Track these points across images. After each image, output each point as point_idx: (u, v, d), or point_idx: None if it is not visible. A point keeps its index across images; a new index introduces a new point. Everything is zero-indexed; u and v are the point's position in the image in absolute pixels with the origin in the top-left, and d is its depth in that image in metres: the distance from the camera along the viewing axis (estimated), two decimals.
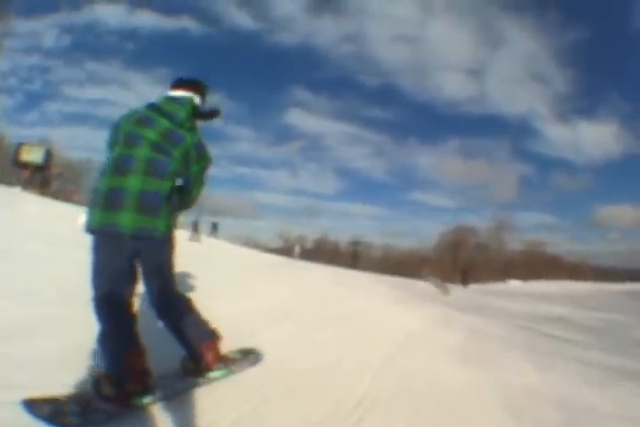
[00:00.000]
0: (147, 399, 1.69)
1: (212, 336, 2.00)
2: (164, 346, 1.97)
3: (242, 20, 39.53)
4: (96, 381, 1.63)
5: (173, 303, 1.90)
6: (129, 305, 1.77)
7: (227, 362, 2.12)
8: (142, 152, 1.76)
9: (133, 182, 1.71)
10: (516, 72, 39.48)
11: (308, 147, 50.41)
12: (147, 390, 1.69)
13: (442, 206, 52.97)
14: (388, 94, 41.53)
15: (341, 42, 43.52)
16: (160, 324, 1.93)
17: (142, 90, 39.59)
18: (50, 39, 34.42)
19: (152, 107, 1.90)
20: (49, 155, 16.17)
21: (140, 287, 1.84)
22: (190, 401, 1.82)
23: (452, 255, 35.91)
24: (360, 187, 49.41)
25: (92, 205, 1.75)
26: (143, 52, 41.45)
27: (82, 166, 31.50)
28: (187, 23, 39.75)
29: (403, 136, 51.64)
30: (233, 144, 52.72)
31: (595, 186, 46.39)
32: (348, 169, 50.66)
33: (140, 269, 1.80)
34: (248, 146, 47.79)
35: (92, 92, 37.15)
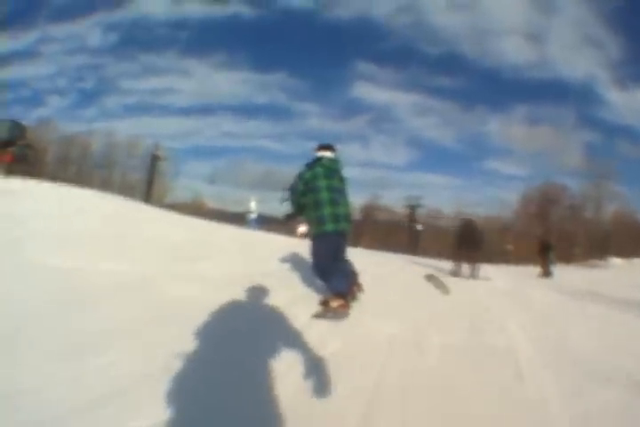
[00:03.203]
0: (352, 303, 3.72)
1: (357, 282, 4.01)
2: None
3: None
4: (326, 300, 3.53)
5: (349, 264, 3.91)
6: (333, 267, 3.63)
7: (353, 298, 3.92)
8: (340, 195, 3.78)
9: (343, 209, 3.72)
10: (572, 37, 35.43)
11: (377, 119, 50.92)
12: (353, 299, 3.84)
13: (514, 175, 50.62)
14: (451, 62, 39.73)
15: (398, 12, 41.66)
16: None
17: (202, 76, 39.82)
18: (94, 39, 35.81)
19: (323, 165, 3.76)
20: (18, 128, 15.28)
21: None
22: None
23: (541, 221, 29.85)
24: (432, 157, 47.64)
25: (320, 220, 3.60)
26: (197, 39, 42.29)
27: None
28: (236, 8, 38.87)
29: (470, 104, 49.88)
30: (300, 120, 51.33)
31: None
32: (419, 139, 50.18)
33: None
34: (316, 121, 48.17)
35: (151, 83, 39.16)
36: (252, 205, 18.76)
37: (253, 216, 18.36)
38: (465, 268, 8.81)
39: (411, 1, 40.69)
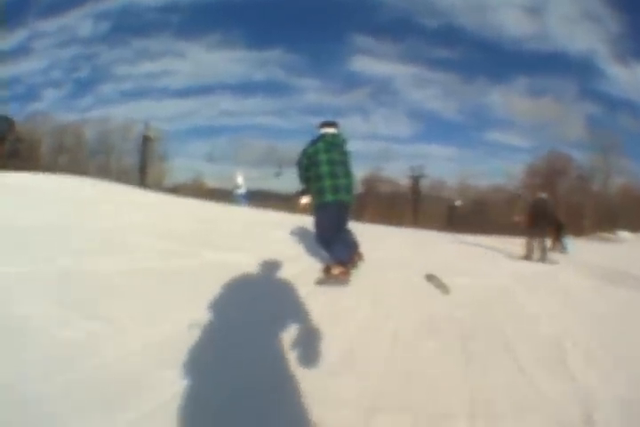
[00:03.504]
0: (353, 270, 3.99)
1: (358, 252, 4.21)
2: None
3: None
4: (327, 267, 3.87)
5: (350, 234, 4.13)
6: (336, 237, 3.87)
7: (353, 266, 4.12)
8: (340, 167, 3.96)
9: (343, 181, 3.89)
10: (572, 11, 35.38)
11: (377, 91, 50.17)
12: (354, 267, 4.07)
13: (517, 146, 48.92)
14: (450, 34, 39.07)
15: None
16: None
17: (198, 57, 39.31)
18: (85, 29, 34.61)
19: (325, 141, 4.01)
20: (5, 123, 14.60)
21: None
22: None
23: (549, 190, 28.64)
24: (433, 128, 47.76)
25: (321, 191, 3.83)
26: (190, 21, 40.50)
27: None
28: None
29: (471, 75, 49.32)
30: (299, 95, 51.08)
31: None
32: (421, 111, 50.50)
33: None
34: (315, 96, 48.56)
35: (146, 67, 38.09)
36: (239, 180, 17.80)
37: (241, 192, 17.50)
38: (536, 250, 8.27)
39: None
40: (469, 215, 29.22)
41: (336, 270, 3.80)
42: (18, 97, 37.19)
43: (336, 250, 3.87)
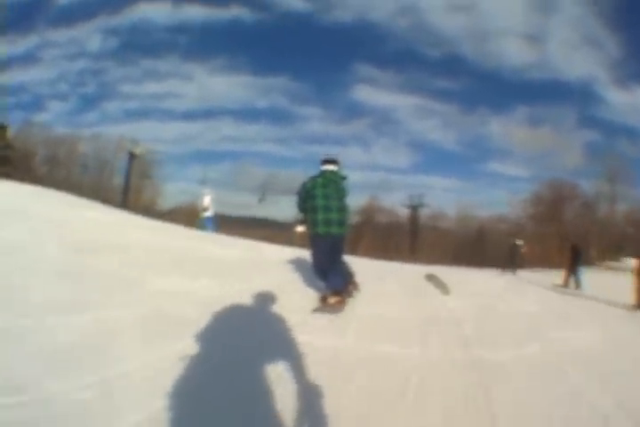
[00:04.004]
0: (349, 299, 4.35)
1: (353, 281, 4.62)
2: None
3: (292, 2, 39.41)
4: (324, 296, 4.14)
5: (345, 265, 4.49)
6: (331, 267, 4.16)
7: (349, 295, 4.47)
8: (334, 202, 4.22)
9: (336, 215, 4.16)
10: (572, 37, 36.12)
11: (378, 122, 51.00)
12: (350, 297, 4.43)
13: (516, 176, 48.90)
14: (451, 64, 40.78)
15: (397, 14, 42.71)
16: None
17: (203, 80, 40.18)
18: (94, 43, 35.09)
19: (324, 177, 4.32)
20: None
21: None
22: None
23: (554, 220, 28.25)
24: (433, 159, 48.11)
25: (315, 223, 4.17)
26: (198, 43, 42.90)
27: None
28: (237, 11, 39.42)
29: (471, 105, 50.32)
30: (302, 123, 50.25)
31: None
32: (421, 141, 50.88)
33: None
34: (317, 124, 49.76)
35: (152, 87, 39.51)
36: (206, 201, 14.15)
37: (208, 215, 13.98)
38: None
39: (410, 3, 40.51)
40: (469, 247, 28.37)
41: (332, 300, 4.09)
42: (23, 105, 36.69)
43: (332, 280, 4.17)
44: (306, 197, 4.27)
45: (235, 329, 3.02)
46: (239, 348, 2.71)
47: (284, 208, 27.31)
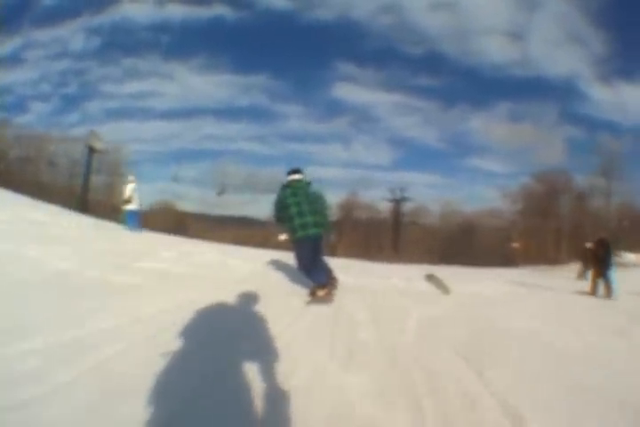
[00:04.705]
0: (334, 292, 4.61)
1: (333, 277, 4.73)
2: None
3: (274, 0, 38.69)
4: (314, 288, 4.49)
5: (324, 262, 4.82)
6: (313, 265, 4.63)
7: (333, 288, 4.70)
8: (306, 207, 4.62)
9: (310, 218, 4.56)
10: (555, 34, 35.88)
11: (358, 119, 50.65)
12: (334, 289, 4.64)
13: (497, 172, 49.77)
14: (432, 62, 41.26)
15: (379, 12, 43.40)
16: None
17: (185, 78, 39.74)
18: (77, 43, 34.35)
19: (292, 186, 4.75)
20: None
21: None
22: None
23: (547, 214, 26.46)
24: (414, 155, 48.28)
25: (293, 229, 4.57)
26: (180, 42, 42.42)
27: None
28: (219, 10, 39.05)
29: (452, 102, 50.24)
30: (282, 122, 49.11)
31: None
32: (402, 138, 50.34)
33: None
34: (298, 122, 48.77)
35: (133, 86, 38.97)
36: (128, 189, 11.19)
37: (131, 208, 11.17)
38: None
39: (391, 1, 40.12)
40: (456, 243, 26.48)
41: (320, 292, 4.52)
42: (4, 107, 36.52)
43: (315, 275, 4.64)
44: (280, 208, 4.74)
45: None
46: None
47: (264, 207, 26.59)
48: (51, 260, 4.73)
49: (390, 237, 26.75)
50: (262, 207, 27.16)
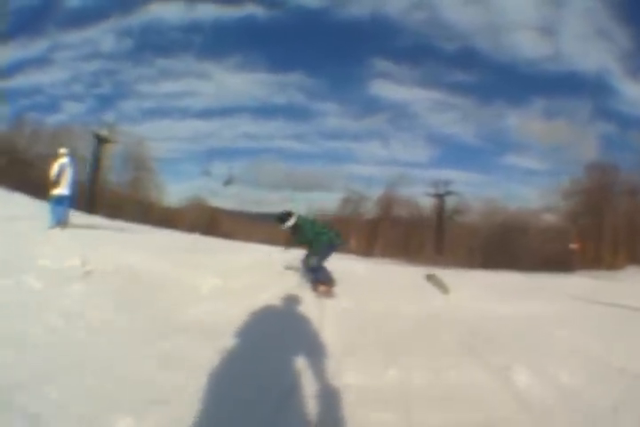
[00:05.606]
0: (333, 289, 5.86)
1: (331, 277, 5.92)
2: None
3: None
4: (314, 284, 5.85)
5: (323, 265, 5.98)
6: (319, 266, 5.92)
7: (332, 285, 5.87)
8: (317, 229, 6.11)
9: (324, 235, 6.03)
10: (583, 29, 34.40)
11: (396, 116, 49.84)
12: (334, 285, 5.89)
13: (535, 169, 47.03)
14: (467, 57, 40.29)
15: (412, 9, 42.33)
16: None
17: (221, 78, 39.93)
18: (108, 44, 35.36)
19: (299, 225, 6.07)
20: None
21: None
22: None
23: (602, 212, 23.74)
24: (452, 153, 46.40)
25: (330, 238, 6.04)
26: (213, 42, 43.40)
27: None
28: (250, 9, 40.07)
29: (488, 98, 48.69)
30: (319, 119, 49.66)
31: None
32: (439, 135, 49.11)
33: None
34: (335, 120, 49.10)
35: (168, 86, 40.66)
36: (55, 168, 8.92)
37: (61, 192, 8.92)
38: None
39: None
40: (501, 244, 25.35)
41: (322, 288, 5.72)
42: (38, 107, 37.70)
43: (320, 275, 5.86)
44: (300, 242, 6.21)
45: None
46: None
47: (301, 204, 26.30)
48: None
49: (432, 236, 26.15)
50: (298, 205, 26.28)
